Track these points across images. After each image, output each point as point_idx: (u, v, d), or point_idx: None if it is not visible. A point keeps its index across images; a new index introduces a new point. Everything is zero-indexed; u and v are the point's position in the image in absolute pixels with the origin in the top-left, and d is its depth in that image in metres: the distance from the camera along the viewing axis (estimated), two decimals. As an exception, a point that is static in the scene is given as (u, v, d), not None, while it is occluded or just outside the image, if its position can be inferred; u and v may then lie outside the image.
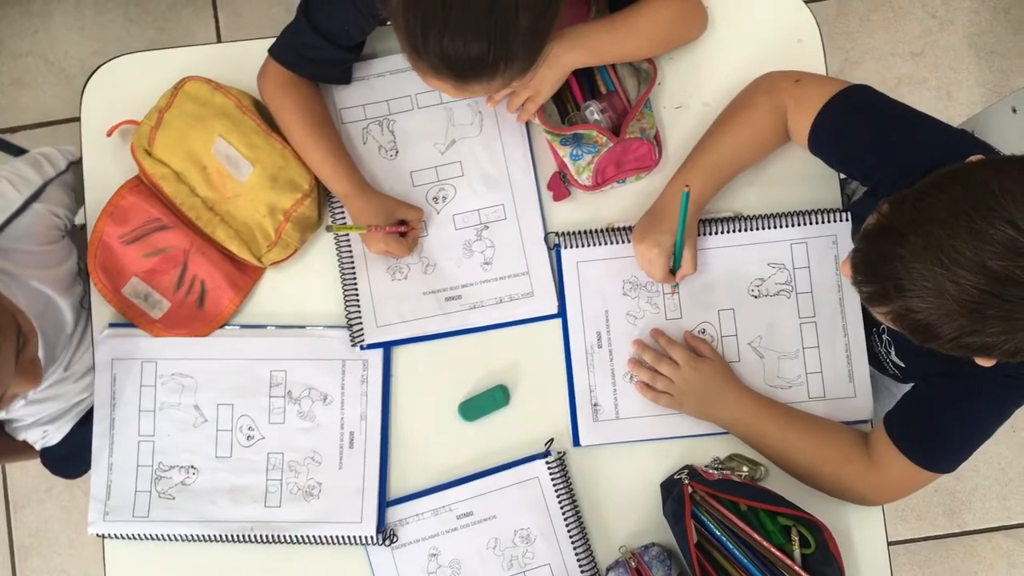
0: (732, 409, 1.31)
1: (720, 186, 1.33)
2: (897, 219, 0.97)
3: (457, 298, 1.38)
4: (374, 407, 1.36)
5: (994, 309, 0.91)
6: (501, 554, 1.34)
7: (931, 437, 1.22)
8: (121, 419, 1.38)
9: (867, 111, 1.23)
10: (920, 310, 0.95)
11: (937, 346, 0.98)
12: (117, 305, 1.39)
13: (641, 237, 1.31)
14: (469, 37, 1.05)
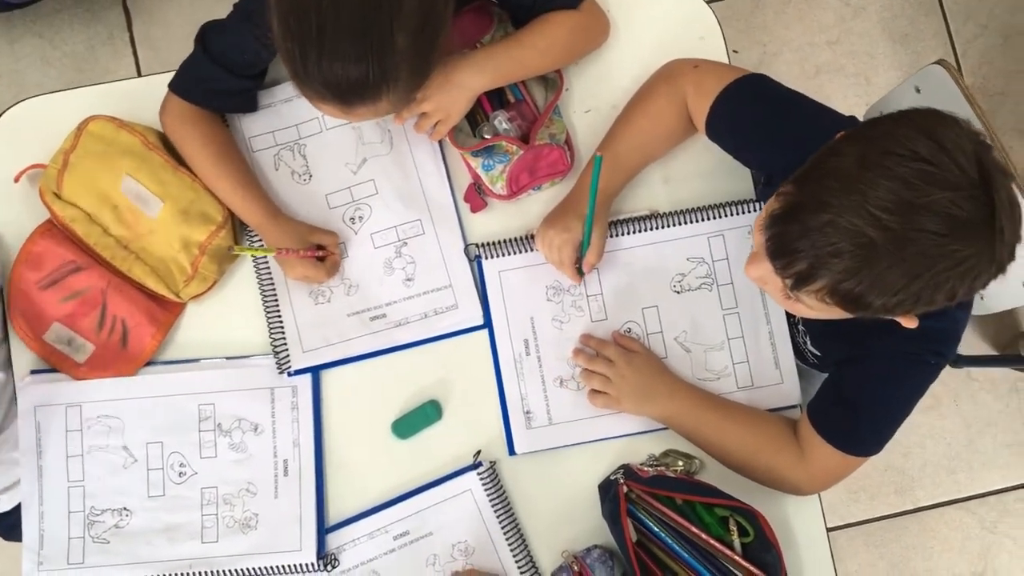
0: (667, 401, 1.32)
1: (629, 176, 1.34)
2: (806, 193, 0.98)
3: (382, 317, 1.38)
4: (306, 433, 1.35)
5: (932, 249, 0.92)
6: (441, 570, 1.33)
7: (852, 423, 1.24)
8: (48, 466, 1.36)
9: (761, 100, 1.25)
10: (850, 274, 0.95)
11: (871, 313, 0.99)
12: (40, 352, 1.37)
13: (548, 225, 1.32)
14: (347, 60, 1.06)
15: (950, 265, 0.94)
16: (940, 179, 0.91)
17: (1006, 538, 2.31)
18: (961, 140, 0.93)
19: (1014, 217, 0.94)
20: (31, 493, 1.36)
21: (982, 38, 2.45)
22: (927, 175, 0.91)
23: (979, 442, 2.33)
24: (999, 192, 0.92)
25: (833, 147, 0.99)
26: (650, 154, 1.36)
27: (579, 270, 1.34)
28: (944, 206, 0.91)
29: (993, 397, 2.34)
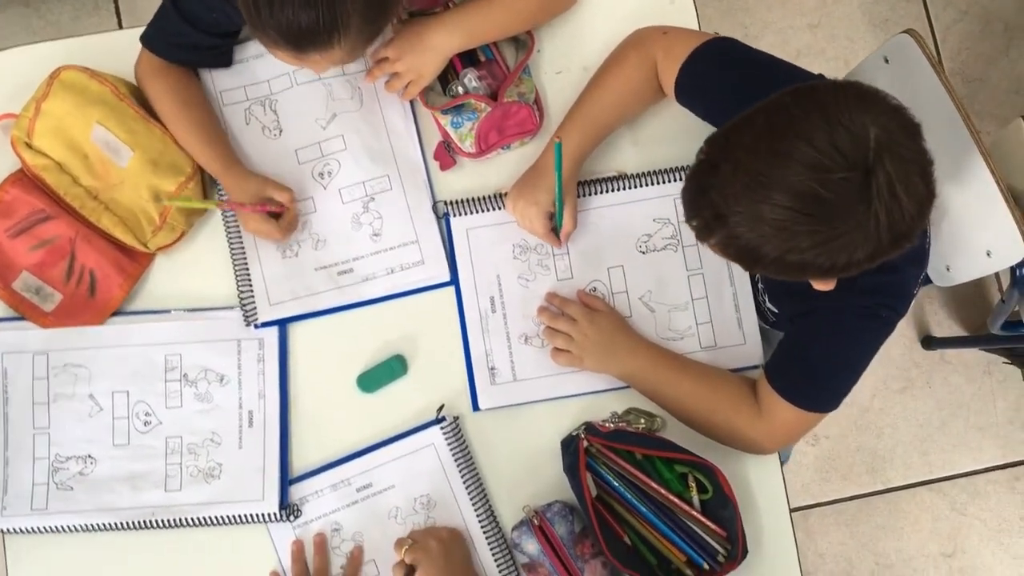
0: (629, 359, 1.33)
1: (597, 141, 1.35)
2: (711, 153, 1.01)
3: (349, 271, 1.39)
4: (272, 385, 1.36)
5: (801, 224, 0.95)
6: (403, 523, 1.34)
7: (806, 378, 1.25)
8: (14, 413, 1.36)
9: (730, 62, 1.27)
10: (740, 235, 0.99)
11: (763, 269, 1.02)
12: (8, 300, 1.38)
13: (518, 195, 1.33)
14: (297, 6, 1.07)
15: (815, 242, 0.96)
16: (815, 160, 0.93)
17: (976, 520, 2.33)
18: (858, 121, 0.93)
19: (897, 205, 0.94)
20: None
21: (961, 23, 2.47)
22: (805, 156, 0.93)
23: (951, 424, 2.35)
24: (879, 178, 0.92)
25: (747, 115, 1.01)
26: (619, 118, 1.37)
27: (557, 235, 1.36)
28: (811, 187, 0.93)
29: (966, 379, 2.36)
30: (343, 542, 1.34)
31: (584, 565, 1.29)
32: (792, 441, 1.30)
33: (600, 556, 1.31)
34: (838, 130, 0.93)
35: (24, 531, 1.34)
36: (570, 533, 1.30)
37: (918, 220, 0.97)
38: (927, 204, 0.98)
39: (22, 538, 1.35)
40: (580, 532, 1.31)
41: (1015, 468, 2.34)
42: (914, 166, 0.95)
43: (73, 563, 1.36)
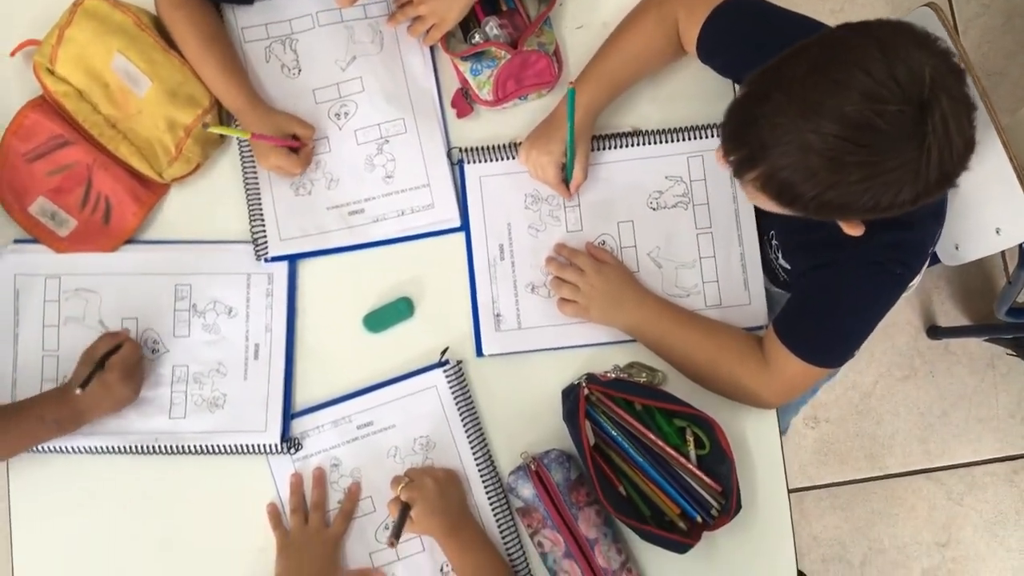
0: (635, 311, 1.34)
1: (613, 95, 1.36)
2: (761, 84, 1.01)
3: (360, 212, 1.40)
4: (279, 319, 1.37)
5: (852, 156, 0.94)
6: (401, 462, 1.35)
7: (816, 333, 1.25)
8: (25, 335, 1.38)
9: (752, 17, 1.27)
10: (784, 168, 0.98)
11: (799, 208, 1.01)
12: (24, 224, 1.39)
13: (531, 145, 1.34)
14: None
15: (863, 176, 0.95)
16: (872, 90, 0.92)
17: (972, 511, 2.33)
18: (915, 57, 0.93)
19: (949, 143, 0.94)
20: (5, 359, 1.38)
21: (984, 17, 2.46)
22: (862, 85, 0.93)
23: (952, 414, 2.35)
24: (934, 114, 0.92)
25: (797, 48, 1.01)
26: (636, 74, 1.38)
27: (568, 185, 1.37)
28: (868, 117, 0.92)
29: (969, 371, 2.36)
30: (341, 477, 1.35)
31: (578, 512, 1.30)
32: (796, 395, 1.30)
33: (594, 504, 1.32)
34: (896, 63, 0.92)
35: (32, 450, 1.35)
36: (566, 480, 1.31)
37: (963, 162, 0.97)
38: (971, 148, 0.97)
39: (26, 457, 1.36)
40: (576, 480, 1.32)
41: (1014, 461, 2.34)
42: (963, 108, 0.95)
43: (74, 484, 1.37)
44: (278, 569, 1.30)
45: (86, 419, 1.31)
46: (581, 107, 1.28)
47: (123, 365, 1.29)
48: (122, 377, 1.29)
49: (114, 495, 1.37)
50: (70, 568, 1.36)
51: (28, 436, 1.30)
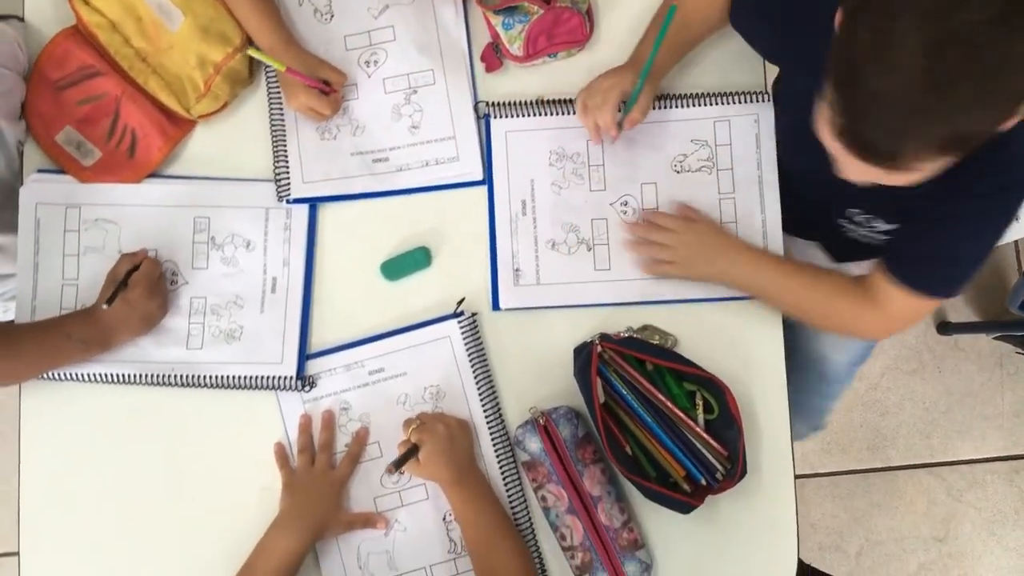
0: (734, 262, 1.34)
1: (676, 59, 1.37)
2: (848, 92, 0.93)
3: (384, 160, 1.40)
4: (297, 253, 1.38)
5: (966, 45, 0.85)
6: (411, 410, 1.36)
7: (932, 264, 1.22)
8: (45, 263, 1.38)
9: None
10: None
11: (975, 140, 0.92)
12: (50, 152, 1.40)
13: (604, 76, 1.33)
14: None
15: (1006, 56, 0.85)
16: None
17: (971, 508, 2.33)
18: None
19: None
20: (26, 288, 1.39)
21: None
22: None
23: (957, 411, 2.35)
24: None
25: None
26: (693, 37, 1.37)
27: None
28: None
29: (977, 368, 2.36)
30: (350, 421, 1.36)
31: (584, 469, 1.31)
32: (906, 327, 1.30)
33: (600, 463, 1.33)
34: None
35: (44, 376, 1.36)
36: (573, 437, 1.32)
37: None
38: None
39: (39, 385, 1.37)
40: (583, 437, 1.33)
41: (1016, 461, 2.34)
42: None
43: (85, 412, 1.39)
44: (282, 506, 1.31)
45: (113, 340, 1.31)
46: (650, 72, 1.28)
47: (146, 281, 1.31)
48: (145, 292, 1.30)
49: (124, 425, 1.38)
50: (76, 494, 1.37)
51: (53, 354, 1.30)
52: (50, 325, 1.32)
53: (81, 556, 1.37)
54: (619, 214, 1.40)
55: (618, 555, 1.28)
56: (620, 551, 1.28)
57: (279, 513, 1.30)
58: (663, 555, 1.34)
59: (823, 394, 1.69)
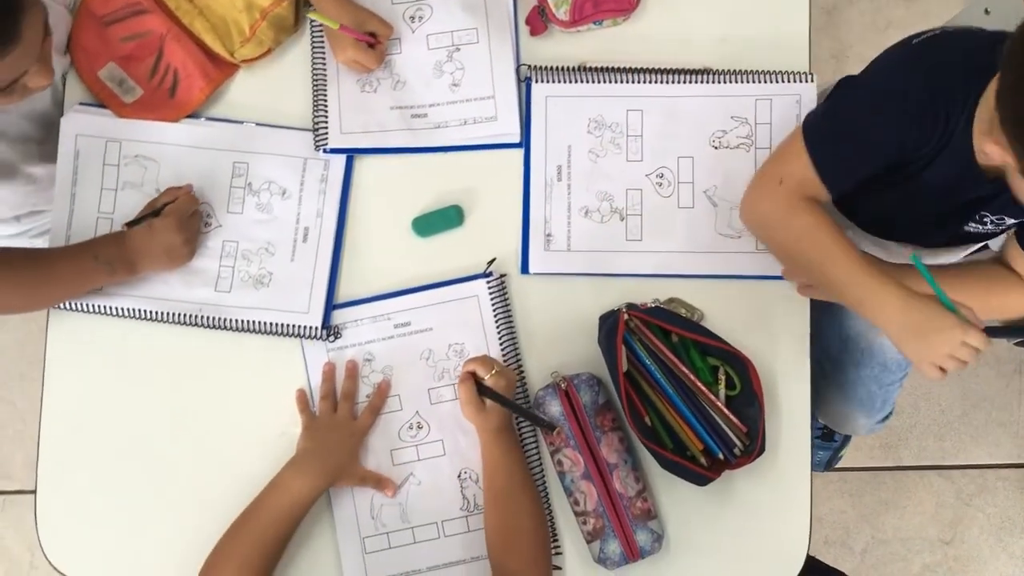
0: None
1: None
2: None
3: (423, 116, 1.41)
4: (331, 205, 1.39)
5: None
6: (434, 365, 1.36)
7: None
8: (82, 195, 1.39)
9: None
10: None
11: None
12: (92, 87, 1.41)
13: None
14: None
15: None
16: None
17: (980, 513, 2.32)
18: None
19: None
20: (61, 218, 1.39)
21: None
22: None
23: (973, 415, 2.34)
24: None
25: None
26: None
27: None
28: None
29: (996, 374, 2.35)
30: (372, 373, 1.37)
31: (602, 436, 1.31)
32: None
33: (618, 431, 1.33)
34: None
35: (73, 308, 1.37)
36: (593, 403, 1.32)
37: None
38: None
39: (66, 322, 1.39)
40: (603, 404, 1.33)
41: (1029, 469, 2.33)
42: None
43: (109, 351, 1.39)
44: (299, 448, 1.31)
45: (138, 266, 1.32)
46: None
47: (176, 213, 1.31)
48: (173, 224, 1.31)
49: (146, 365, 1.39)
50: (95, 431, 1.39)
51: (81, 275, 1.31)
52: (78, 246, 1.33)
53: (97, 494, 1.38)
54: (654, 186, 1.40)
55: (630, 523, 1.29)
56: (633, 519, 1.29)
57: (296, 454, 1.31)
58: (675, 527, 1.34)
59: (885, 383, 1.67)
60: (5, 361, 2.33)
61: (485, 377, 1.27)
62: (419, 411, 1.35)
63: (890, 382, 1.69)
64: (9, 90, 1.16)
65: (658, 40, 1.43)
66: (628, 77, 1.40)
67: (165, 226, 1.30)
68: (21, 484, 2.31)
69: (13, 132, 1.38)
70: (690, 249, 1.39)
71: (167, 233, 1.30)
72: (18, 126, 1.38)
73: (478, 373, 1.28)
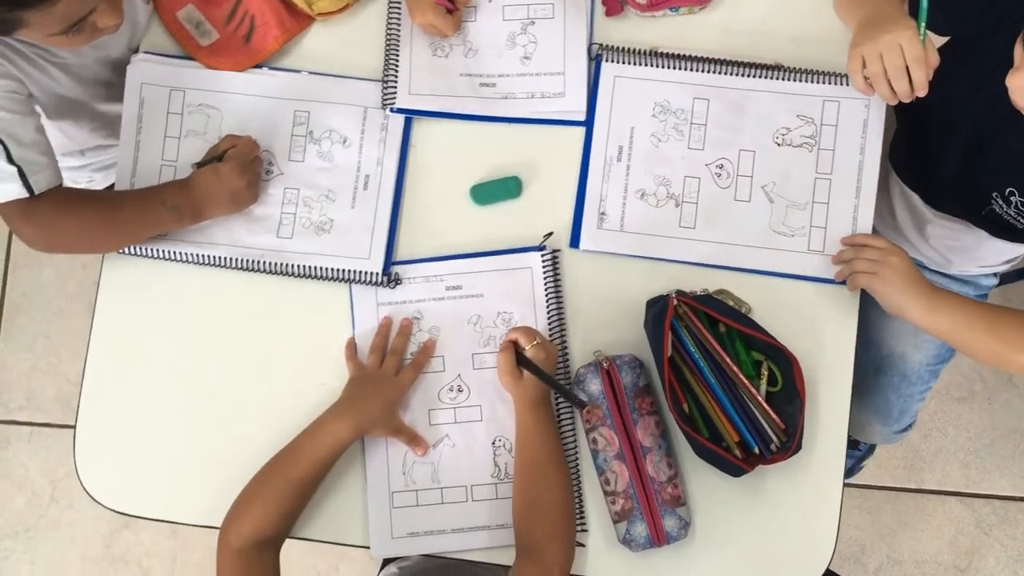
0: (916, 300, 1.29)
1: None
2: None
3: (491, 85, 1.41)
4: (391, 154, 1.40)
5: None
6: (480, 331, 1.37)
7: None
8: (146, 142, 1.41)
9: None
10: None
11: None
12: (170, 26, 1.42)
13: (871, 37, 1.23)
14: None
15: None
16: None
17: (997, 543, 2.31)
18: None
19: None
20: (126, 164, 1.41)
21: None
22: None
23: (1000, 445, 2.33)
24: None
25: None
26: None
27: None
28: None
29: (1028, 407, 2.33)
30: (419, 332, 1.38)
31: (639, 419, 1.32)
32: None
33: (655, 415, 1.33)
34: None
35: (136, 253, 1.39)
36: (634, 385, 1.33)
37: None
38: None
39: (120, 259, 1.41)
40: (643, 387, 1.34)
41: (1051, 506, 2.31)
42: None
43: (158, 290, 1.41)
44: (344, 395, 1.33)
45: (204, 210, 1.34)
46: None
47: (239, 157, 1.33)
48: (237, 168, 1.32)
49: (194, 305, 1.41)
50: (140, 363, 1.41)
51: (149, 218, 1.33)
52: (146, 191, 1.35)
53: (136, 430, 1.39)
54: (713, 176, 1.40)
55: (659, 508, 1.29)
56: (662, 504, 1.29)
57: (338, 401, 1.33)
58: (702, 517, 1.34)
59: (904, 394, 1.67)
60: (45, 296, 2.36)
61: (526, 348, 1.28)
62: (461, 374, 1.36)
63: (910, 394, 1.69)
64: (77, 28, 1.17)
65: (732, 32, 1.43)
66: (698, 66, 1.40)
67: (229, 170, 1.32)
68: (48, 417, 2.35)
69: (87, 75, 1.40)
70: (743, 242, 1.39)
71: (231, 177, 1.32)
72: (92, 70, 1.40)
73: (520, 342, 1.29)
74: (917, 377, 1.66)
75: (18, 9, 1.09)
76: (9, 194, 1.22)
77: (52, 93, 1.35)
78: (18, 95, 1.24)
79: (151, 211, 1.32)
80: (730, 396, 1.31)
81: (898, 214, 1.52)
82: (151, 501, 1.39)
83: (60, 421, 2.33)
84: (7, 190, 1.21)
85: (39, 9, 1.09)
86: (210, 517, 1.31)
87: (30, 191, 1.22)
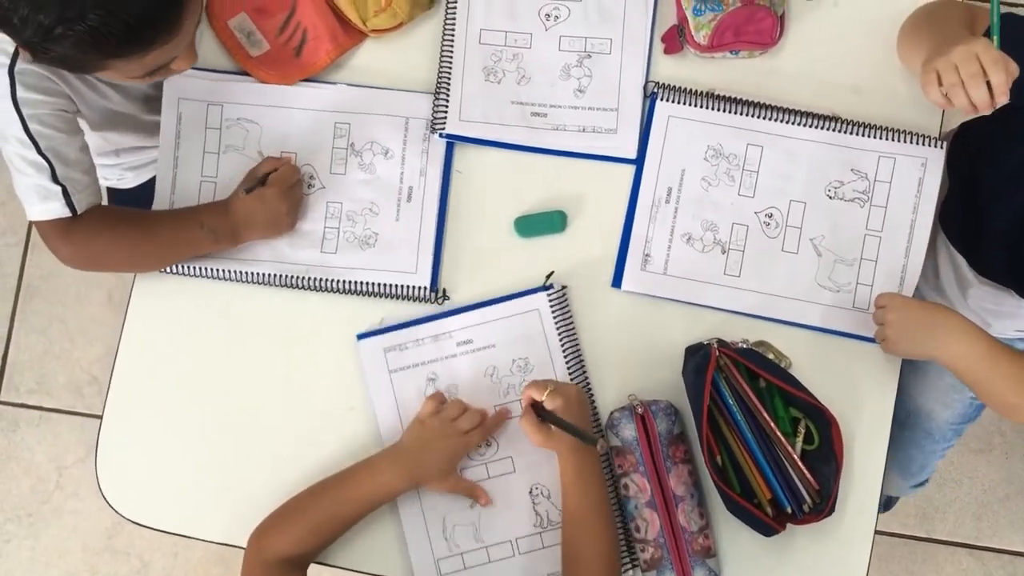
0: (944, 343, 1.26)
1: None
2: None
3: (543, 116, 1.39)
4: (435, 164, 1.38)
5: None
6: (498, 382, 1.35)
7: None
8: (184, 158, 1.39)
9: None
10: None
11: None
12: (220, 33, 1.40)
13: (943, 54, 1.16)
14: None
15: None
16: None
17: (1005, 599, 2.29)
18: None
19: None
20: (165, 182, 1.39)
21: None
22: None
23: (1015, 501, 2.31)
24: None
25: None
26: None
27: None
28: None
29: (1046, 464, 2.31)
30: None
31: (672, 467, 1.29)
32: None
33: (688, 463, 1.31)
34: None
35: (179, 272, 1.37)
36: (669, 432, 1.30)
37: None
38: None
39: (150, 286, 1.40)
40: (677, 435, 1.32)
41: (1063, 565, 2.29)
42: None
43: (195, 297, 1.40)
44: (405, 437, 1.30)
45: (242, 235, 1.32)
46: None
47: (282, 182, 1.31)
48: (279, 193, 1.31)
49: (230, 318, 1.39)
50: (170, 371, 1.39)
51: (185, 241, 1.31)
52: (184, 212, 1.34)
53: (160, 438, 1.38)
54: (761, 224, 1.38)
55: (689, 558, 1.27)
56: (692, 555, 1.27)
57: (399, 443, 1.30)
58: (730, 570, 1.32)
59: (927, 450, 1.65)
60: (63, 280, 2.34)
61: (541, 399, 1.25)
62: (486, 429, 1.34)
63: (932, 451, 1.67)
64: (153, 73, 1.17)
65: (791, 79, 1.40)
66: (754, 111, 1.38)
67: (272, 195, 1.30)
68: (59, 403, 2.32)
69: (136, 91, 1.40)
70: (787, 295, 1.37)
71: (274, 201, 1.30)
72: (140, 86, 1.39)
73: (534, 398, 1.26)
74: (941, 435, 1.64)
75: (111, 59, 1.08)
76: (52, 212, 1.21)
77: (101, 108, 1.34)
78: (66, 113, 1.23)
79: (188, 232, 1.30)
80: (765, 452, 1.29)
81: (942, 274, 1.50)
82: (165, 512, 1.37)
83: (70, 408, 2.30)
84: (51, 208, 1.20)
85: (128, 59, 1.09)
86: (224, 535, 1.31)
87: (72, 211, 1.21)
